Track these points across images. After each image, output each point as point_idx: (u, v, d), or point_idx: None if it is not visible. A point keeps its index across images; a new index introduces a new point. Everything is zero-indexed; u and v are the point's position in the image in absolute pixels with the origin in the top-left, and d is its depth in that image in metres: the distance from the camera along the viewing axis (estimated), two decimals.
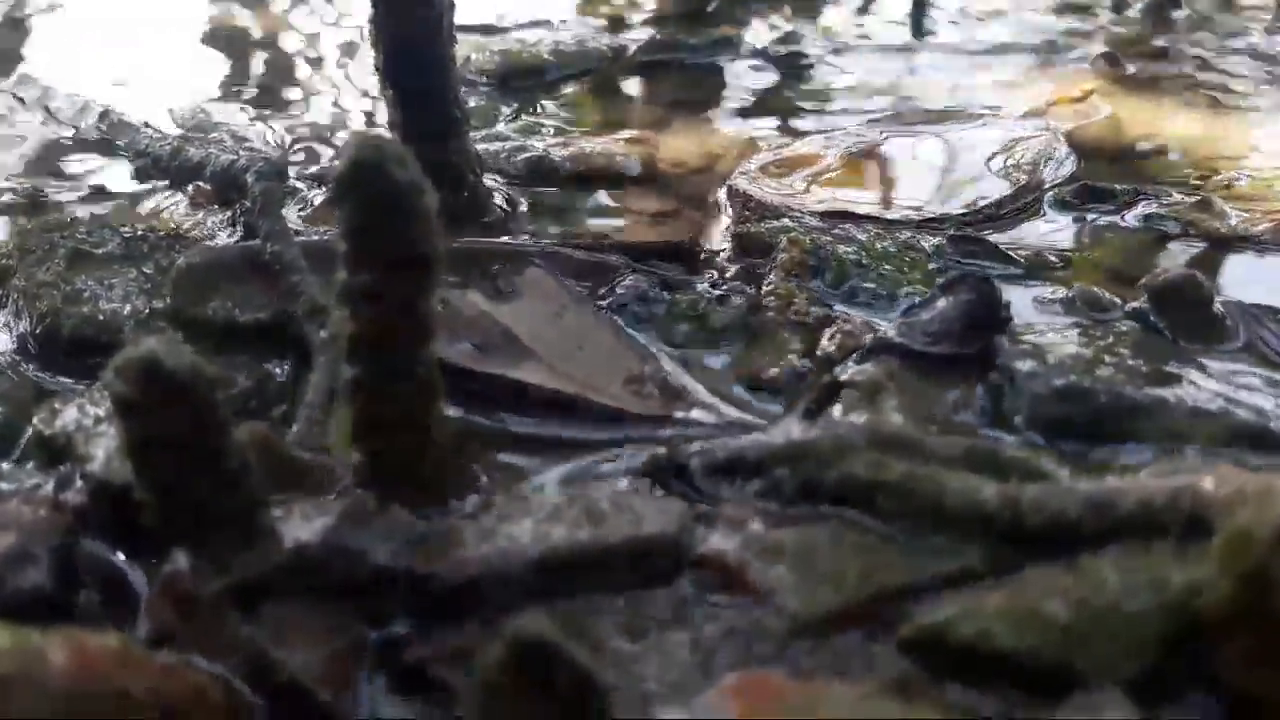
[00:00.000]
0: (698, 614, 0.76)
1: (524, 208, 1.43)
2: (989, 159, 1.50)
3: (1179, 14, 2.25)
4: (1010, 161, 1.49)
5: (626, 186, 1.51)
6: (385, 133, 1.34)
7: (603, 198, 1.48)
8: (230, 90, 1.89)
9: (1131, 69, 1.94)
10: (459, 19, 1.32)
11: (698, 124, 1.72)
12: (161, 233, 1.21)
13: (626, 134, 1.68)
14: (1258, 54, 2.05)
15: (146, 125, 1.64)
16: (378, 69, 1.33)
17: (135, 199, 1.46)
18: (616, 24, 2.20)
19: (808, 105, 1.82)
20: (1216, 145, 1.60)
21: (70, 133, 1.66)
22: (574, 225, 1.39)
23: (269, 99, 1.85)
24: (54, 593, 0.78)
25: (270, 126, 1.70)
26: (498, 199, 1.43)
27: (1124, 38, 2.13)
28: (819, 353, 1.07)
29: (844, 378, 1.02)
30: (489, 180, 1.44)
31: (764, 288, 1.16)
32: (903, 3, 2.29)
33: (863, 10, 2.31)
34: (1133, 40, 2.12)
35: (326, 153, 1.61)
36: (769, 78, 1.94)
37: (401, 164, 0.73)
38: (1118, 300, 1.15)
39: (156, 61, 2.02)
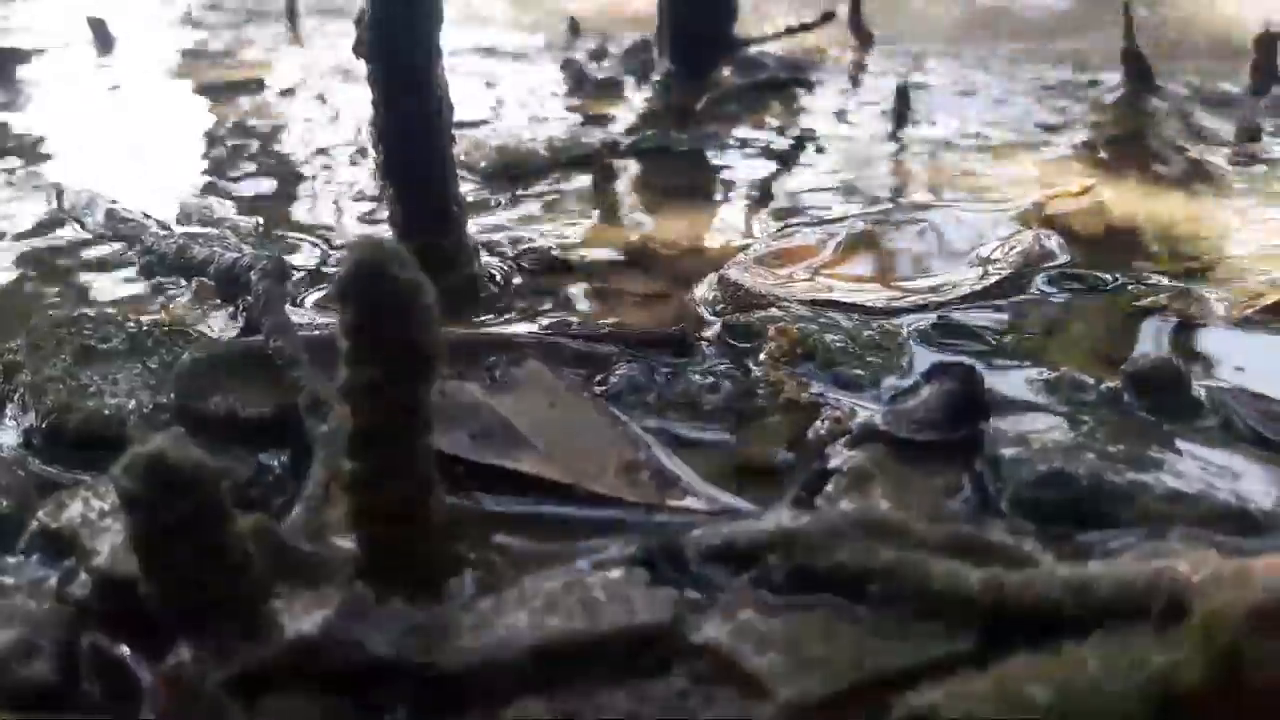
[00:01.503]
0: (693, 703, 0.77)
1: (520, 296, 1.46)
2: (975, 248, 1.54)
3: (1156, 101, 2.32)
4: (997, 250, 1.52)
5: (620, 273, 1.54)
6: (385, 227, 1.37)
7: (597, 284, 1.51)
8: (234, 186, 1.93)
9: (1111, 155, 1.99)
10: (456, 116, 1.37)
11: (689, 213, 1.77)
12: (166, 328, 1.23)
13: (620, 223, 1.72)
14: (1234, 138, 2.10)
15: (148, 216, 1.67)
16: (378, 165, 1.37)
17: (140, 296, 1.49)
18: (608, 120, 2.26)
19: (796, 198, 1.86)
20: (1196, 229, 1.64)
21: (78, 228, 1.70)
22: (569, 312, 1.42)
23: (272, 196, 1.89)
24: (58, 685, 0.79)
25: (273, 222, 1.74)
26: (495, 288, 1.46)
27: (1101, 125, 2.20)
28: (808, 440, 1.09)
29: (833, 465, 1.04)
30: (485, 270, 1.47)
31: (754, 375, 1.19)
32: (885, 96, 2.35)
33: (845, 107, 2.38)
34: (1110, 127, 2.19)
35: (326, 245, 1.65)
36: (758, 171, 1.99)
37: (402, 264, 0.76)
38: (1101, 385, 1.17)
39: (162, 158, 2.07)
